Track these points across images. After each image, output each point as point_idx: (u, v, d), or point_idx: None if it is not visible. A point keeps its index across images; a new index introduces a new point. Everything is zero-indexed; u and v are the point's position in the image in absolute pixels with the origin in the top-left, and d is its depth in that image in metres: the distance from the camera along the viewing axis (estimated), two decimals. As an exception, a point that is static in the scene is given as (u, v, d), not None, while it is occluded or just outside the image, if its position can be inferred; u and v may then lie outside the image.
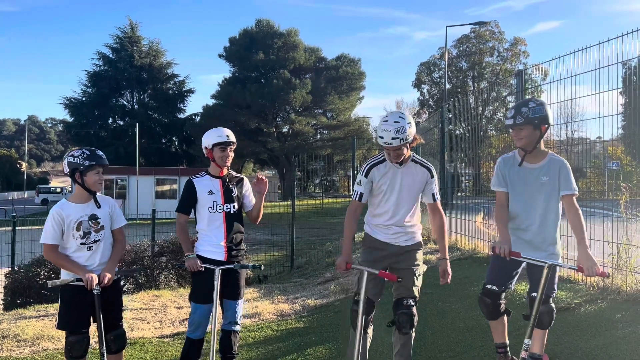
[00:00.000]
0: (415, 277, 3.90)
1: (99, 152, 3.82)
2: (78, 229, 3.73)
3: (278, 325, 6.17)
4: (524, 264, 3.84)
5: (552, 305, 3.77)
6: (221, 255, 4.19)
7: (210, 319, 4.17)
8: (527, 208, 3.75)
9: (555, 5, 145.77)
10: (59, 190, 50.95)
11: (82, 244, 3.75)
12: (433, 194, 3.93)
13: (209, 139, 4.22)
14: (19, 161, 72.67)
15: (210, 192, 4.22)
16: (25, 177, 64.11)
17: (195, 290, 4.23)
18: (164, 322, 6.44)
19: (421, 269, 3.97)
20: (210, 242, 4.21)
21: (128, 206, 32.43)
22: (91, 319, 3.81)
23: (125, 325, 6.10)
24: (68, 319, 3.75)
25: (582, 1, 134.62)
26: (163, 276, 9.58)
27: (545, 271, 3.45)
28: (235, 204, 4.28)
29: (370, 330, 4.00)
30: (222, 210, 4.22)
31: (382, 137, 3.66)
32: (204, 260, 4.14)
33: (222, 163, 4.23)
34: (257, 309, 6.99)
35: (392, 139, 3.62)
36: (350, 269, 3.85)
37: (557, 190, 3.68)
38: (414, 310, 3.84)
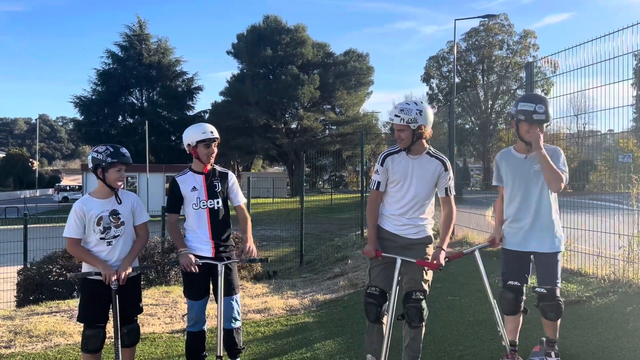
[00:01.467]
0: (424, 271, 3.89)
1: (123, 150, 3.90)
2: (98, 223, 3.80)
3: (287, 320, 6.19)
4: (532, 258, 3.84)
5: (559, 299, 3.74)
6: (209, 252, 4.15)
7: (208, 313, 4.23)
8: (524, 197, 3.83)
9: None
10: (77, 187, 51.47)
11: (101, 238, 3.81)
12: (446, 188, 3.93)
13: (192, 136, 4.15)
14: (31, 160, 73.38)
15: (194, 188, 4.18)
16: (37, 176, 64.66)
17: (188, 287, 4.22)
18: (174, 318, 6.48)
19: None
20: (198, 239, 4.19)
21: (138, 203, 32.56)
22: (110, 313, 3.86)
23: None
24: (87, 311, 3.83)
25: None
26: (173, 272, 9.62)
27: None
28: (220, 200, 4.22)
29: (385, 319, 4.00)
30: (205, 207, 4.18)
31: (390, 113, 3.84)
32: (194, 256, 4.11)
33: (206, 160, 4.18)
34: (266, 304, 7.01)
35: (395, 115, 3.77)
36: (381, 257, 3.84)
37: None
38: (423, 303, 3.84)
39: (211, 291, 4.26)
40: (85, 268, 3.87)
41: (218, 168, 4.34)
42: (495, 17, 46.82)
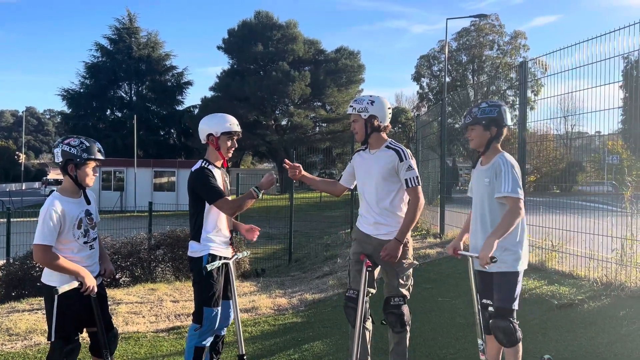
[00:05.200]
0: (398, 277, 3.78)
1: (98, 145, 3.54)
2: (79, 227, 3.46)
3: (275, 320, 6.08)
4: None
5: (507, 323, 3.37)
6: (229, 252, 3.95)
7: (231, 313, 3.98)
8: (475, 211, 3.63)
9: (551, 0, 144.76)
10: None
11: (85, 242, 3.49)
12: (406, 180, 3.73)
13: (216, 126, 3.83)
14: (17, 153, 72.40)
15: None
16: (23, 169, 63.87)
17: (216, 292, 3.80)
18: (159, 317, 6.33)
19: (408, 265, 3.82)
20: (221, 239, 3.89)
21: (126, 198, 32.33)
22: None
23: (120, 320, 6.03)
24: (67, 325, 3.41)
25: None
26: (160, 269, 9.48)
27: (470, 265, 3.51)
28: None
29: (369, 324, 3.93)
30: None
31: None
32: (217, 258, 3.81)
33: (227, 154, 3.91)
34: (254, 303, 6.89)
35: (349, 106, 3.88)
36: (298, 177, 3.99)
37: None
38: (403, 309, 3.75)
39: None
40: (56, 278, 3.41)
41: None
42: (487, 17, 46.90)
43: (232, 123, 3.89)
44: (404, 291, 3.80)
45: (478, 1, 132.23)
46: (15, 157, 70.44)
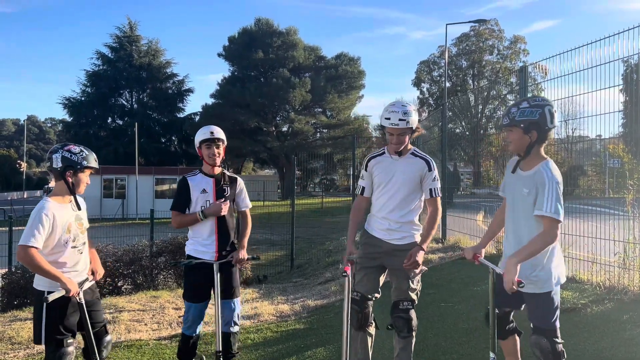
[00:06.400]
0: (409, 280, 3.77)
1: (94, 155, 3.68)
2: (69, 231, 3.51)
3: (278, 327, 6.06)
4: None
5: (545, 341, 3.12)
6: (212, 256, 4.14)
7: (210, 318, 4.14)
8: (510, 219, 3.29)
9: (550, 5, 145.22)
10: None
11: (73, 247, 3.54)
12: (431, 189, 3.78)
13: (197, 138, 4.19)
14: (19, 161, 72.49)
15: (204, 190, 4.16)
16: (25, 177, 63.93)
17: (189, 288, 4.22)
18: (161, 324, 6.32)
19: (419, 270, 3.81)
20: (202, 242, 4.17)
21: (127, 206, 32.33)
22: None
23: (122, 327, 6.02)
24: (58, 330, 3.47)
25: (576, 0, 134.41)
26: (162, 276, 9.47)
27: (490, 277, 3.19)
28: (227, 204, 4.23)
29: (371, 329, 3.91)
30: None
31: (388, 119, 3.64)
32: (194, 259, 4.13)
33: (210, 161, 4.16)
34: (256, 309, 6.89)
35: (400, 120, 3.61)
36: (348, 264, 3.69)
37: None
38: (411, 313, 3.74)
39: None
40: (45, 282, 3.47)
41: (228, 173, 4.35)
42: (486, 23, 47.05)
43: (206, 132, 4.17)
44: (413, 295, 3.79)
45: (477, 7, 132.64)
46: (17, 165, 70.57)
